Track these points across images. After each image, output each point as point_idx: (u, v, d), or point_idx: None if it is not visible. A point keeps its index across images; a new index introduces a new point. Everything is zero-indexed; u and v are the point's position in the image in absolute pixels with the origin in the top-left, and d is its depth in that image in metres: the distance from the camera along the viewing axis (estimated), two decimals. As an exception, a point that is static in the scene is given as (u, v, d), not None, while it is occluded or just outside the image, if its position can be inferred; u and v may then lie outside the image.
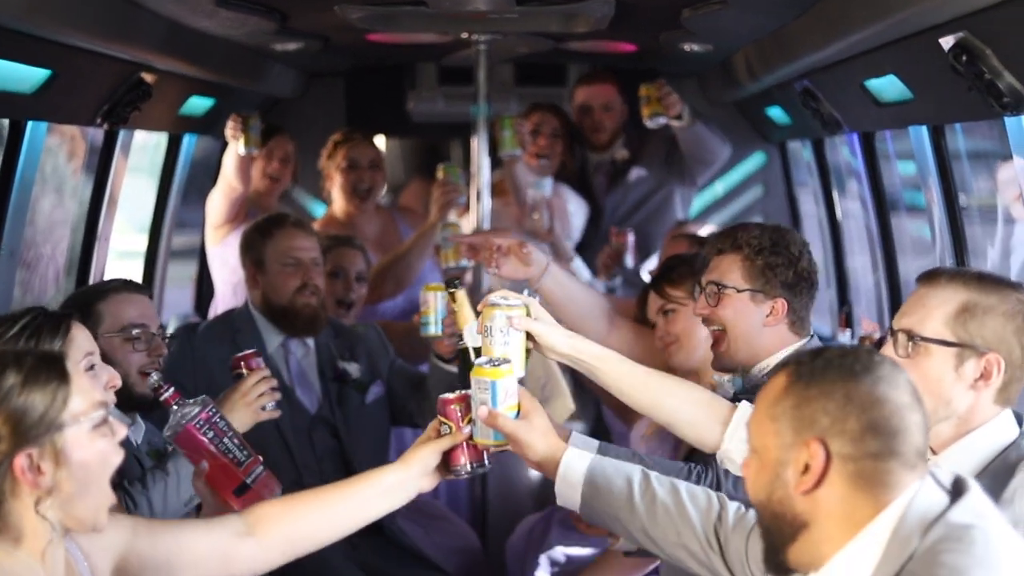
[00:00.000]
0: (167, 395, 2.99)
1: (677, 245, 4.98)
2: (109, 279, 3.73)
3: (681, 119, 5.50)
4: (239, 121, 5.25)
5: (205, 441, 2.89)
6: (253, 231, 4.47)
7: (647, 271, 5.62)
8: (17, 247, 4.07)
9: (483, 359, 2.64)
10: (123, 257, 5.86)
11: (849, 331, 5.63)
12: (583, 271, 5.62)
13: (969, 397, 2.56)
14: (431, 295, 4.27)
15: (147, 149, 5.87)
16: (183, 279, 6.21)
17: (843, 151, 5.78)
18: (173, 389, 3.00)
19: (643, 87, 5.49)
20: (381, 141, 6.65)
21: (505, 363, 2.61)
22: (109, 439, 2.22)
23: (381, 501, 2.65)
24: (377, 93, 6.48)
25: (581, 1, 4.11)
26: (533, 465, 2.65)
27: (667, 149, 5.87)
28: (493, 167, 5.38)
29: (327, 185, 5.62)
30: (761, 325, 3.25)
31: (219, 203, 5.46)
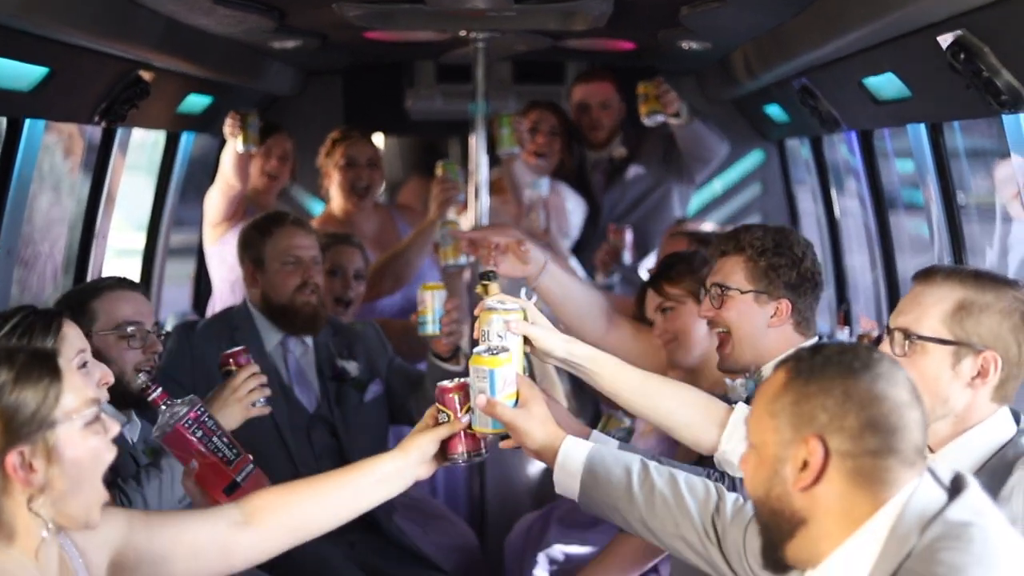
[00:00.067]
0: (155, 395, 2.98)
1: (676, 243, 4.97)
2: (103, 277, 3.72)
3: (679, 117, 5.50)
4: (238, 119, 5.25)
5: (194, 440, 2.88)
6: (252, 229, 4.45)
7: (645, 269, 5.62)
8: (15, 245, 4.07)
9: (481, 347, 2.65)
10: (121, 255, 5.86)
11: (848, 329, 5.63)
12: (578, 272, 5.61)
13: (966, 395, 2.56)
14: (428, 294, 4.27)
15: (145, 147, 5.86)
16: (181, 277, 6.20)
17: (841, 149, 5.78)
18: (161, 389, 2.99)
19: (641, 85, 5.48)
20: (379, 139, 6.64)
21: (503, 352, 2.62)
22: (102, 436, 2.22)
23: (379, 489, 2.64)
24: (375, 91, 6.47)
25: (579, -1, 4.11)
26: (532, 453, 2.65)
27: (665, 147, 5.87)
28: (491, 165, 5.38)
29: (325, 183, 5.62)
30: (766, 326, 3.25)
31: (217, 201, 5.45)
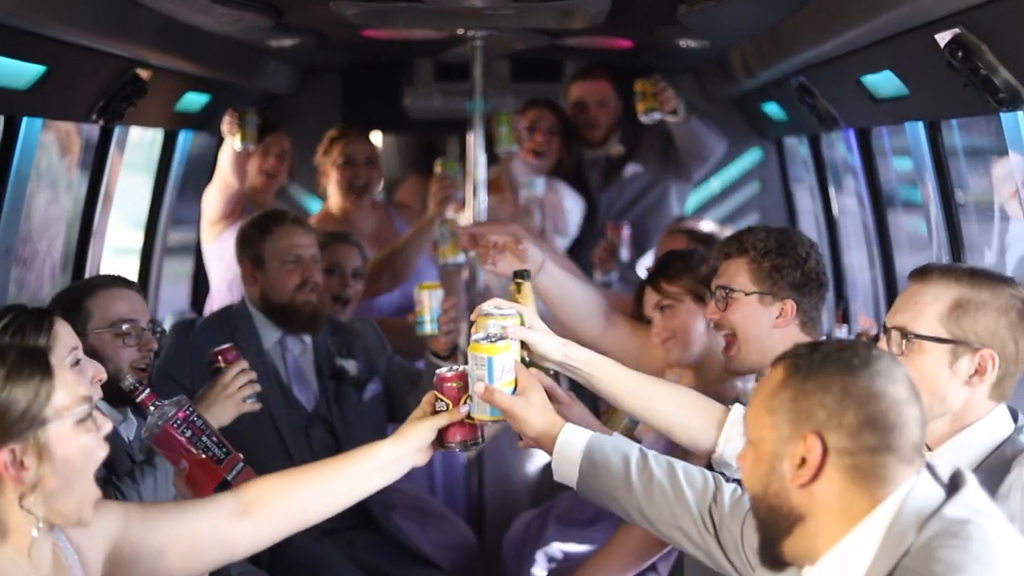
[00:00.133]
0: (143, 397, 2.98)
1: (674, 241, 4.97)
2: (98, 275, 3.71)
3: (676, 114, 5.50)
4: (236, 117, 5.25)
5: (183, 440, 2.88)
6: (251, 228, 4.43)
7: (643, 267, 5.62)
8: (13, 244, 4.06)
9: (480, 335, 2.64)
10: (119, 254, 5.85)
11: (846, 327, 5.63)
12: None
13: (964, 393, 2.56)
14: (425, 294, 4.28)
15: (143, 145, 5.86)
16: (179, 275, 6.19)
17: (840, 147, 5.78)
18: (149, 391, 2.99)
19: (638, 82, 5.48)
20: (377, 137, 6.64)
21: (502, 339, 2.61)
22: (94, 434, 2.21)
23: (376, 476, 2.63)
24: (373, 89, 6.47)
25: (577, -3, 4.11)
26: (530, 441, 2.65)
27: (662, 145, 5.86)
28: (489, 163, 5.37)
29: (323, 181, 5.61)
30: (771, 327, 3.27)
31: (215, 199, 5.44)
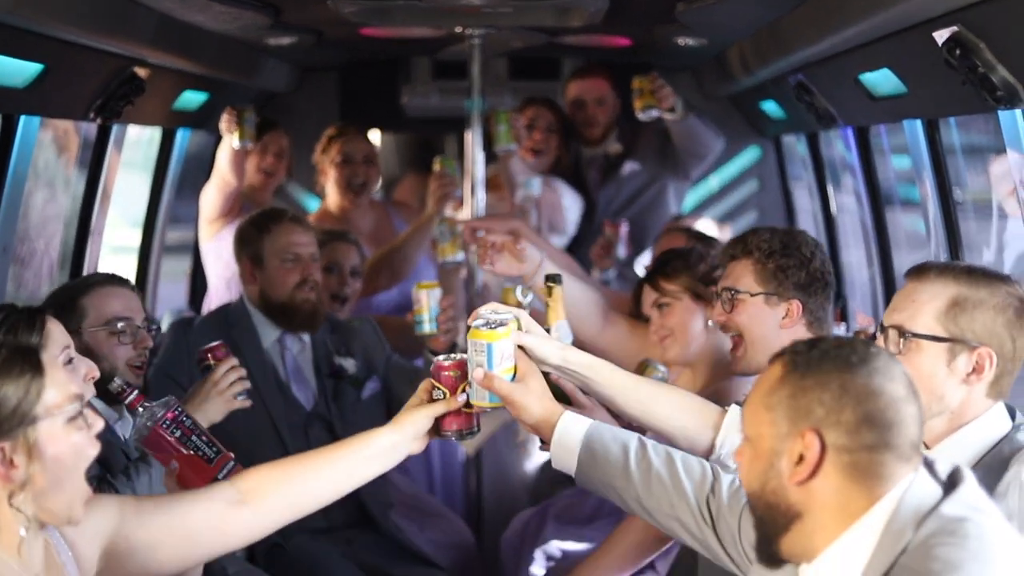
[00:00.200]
0: (131, 398, 2.97)
1: (672, 239, 4.97)
2: (92, 273, 3.70)
3: (674, 112, 5.50)
4: (234, 115, 5.25)
5: (173, 441, 2.87)
6: (249, 226, 4.42)
7: (641, 265, 5.62)
8: (10, 242, 4.06)
9: (479, 321, 2.63)
10: (117, 252, 5.85)
11: (844, 325, 5.62)
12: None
13: (962, 391, 2.56)
14: (423, 293, 4.28)
15: (141, 144, 5.85)
16: (177, 274, 6.19)
17: (838, 145, 5.78)
18: (137, 392, 2.98)
19: (636, 79, 5.48)
20: (375, 136, 6.64)
21: (501, 326, 2.61)
22: (85, 432, 2.20)
23: (373, 463, 2.62)
24: (371, 88, 6.47)
25: (575, -5, 4.11)
26: (529, 428, 2.64)
27: (660, 143, 5.86)
28: (487, 161, 5.37)
29: (321, 180, 5.61)
30: (778, 327, 3.28)
31: (213, 198, 5.44)
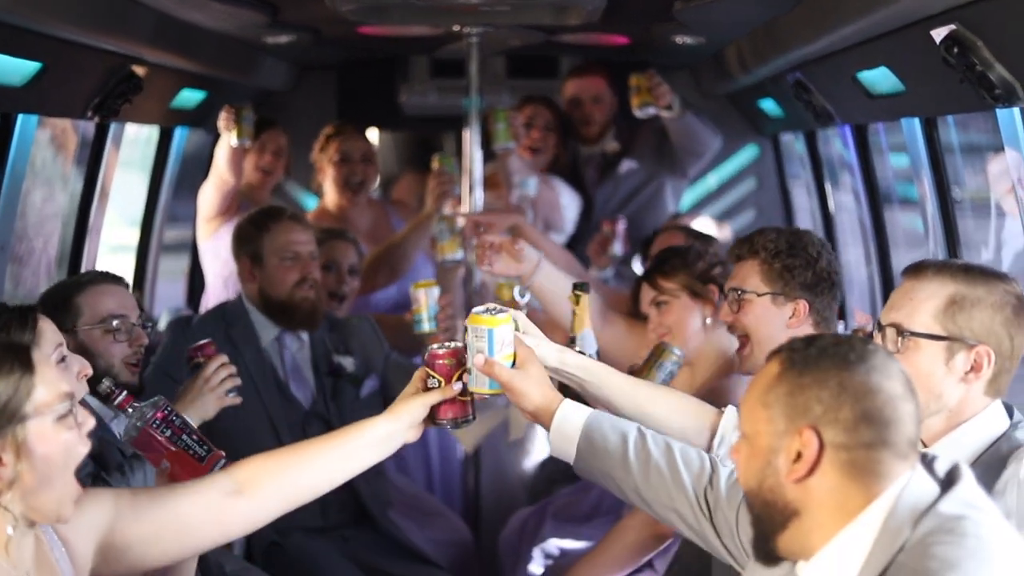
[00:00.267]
0: (120, 400, 2.96)
1: (670, 238, 4.96)
2: (85, 272, 3.69)
3: (671, 109, 5.49)
4: (232, 113, 5.24)
5: (163, 440, 2.87)
6: (248, 224, 4.41)
7: (639, 264, 5.61)
8: (8, 241, 4.06)
9: (480, 308, 2.64)
10: (115, 251, 5.85)
11: (842, 323, 5.62)
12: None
13: (960, 390, 2.56)
14: (421, 292, 4.28)
15: (138, 142, 5.85)
16: (175, 273, 6.19)
17: (836, 144, 5.78)
18: (125, 393, 2.98)
19: (633, 77, 5.48)
20: (373, 134, 6.64)
21: (502, 312, 2.61)
22: (75, 431, 2.18)
23: (369, 452, 2.62)
24: (369, 86, 6.47)
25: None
26: (528, 415, 2.63)
27: (657, 141, 5.86)
28: (485, 160, 5.37)
29: (319, 178, 5.61)
30: (785, 327, 3.28)
31: (211, 196, 5.44)
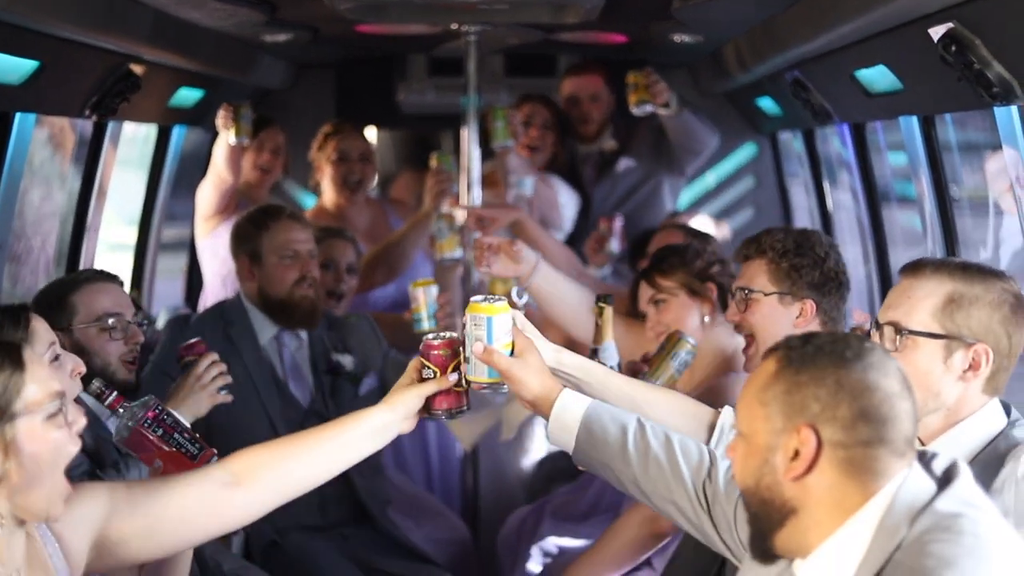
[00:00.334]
0: (111, 400, 2.96)
1: (669, 236, 4.97)
2: (80, 270, 3.68)
3: (668, 107, 5.49)
4: (230, 111, 5.24)
5: (155, 439, 2.86)
6: (247, 223, 4.40)
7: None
8: (6, 239, 4.06)
9: (479, 297, 2.64)
10: (113, 250, 5.85)
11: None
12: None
13: (958, 388, 2.55)
14: (420, 291, 4.28)
15: (136, 141, 5.85)
16: (173, 271, 6.19)
17: (834, 142, 5.79)
18: (116, 394, 2.97)
19: (631, 74, 5.48)
20: (371, 133, 6.64)
21: (500, 301, 2.61)
22: (65, 430, 2.18)
23: (364, 443, 2.62)
24: (367, 84, 6.47)
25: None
26: (527, 404, 2.62)
27: (655, 139, 5.86)
28: (483, 158, 5.37)
29: (317, 177, 5.60)
30: (791, 327, 3.28)
31: (209, 194, 5.43)
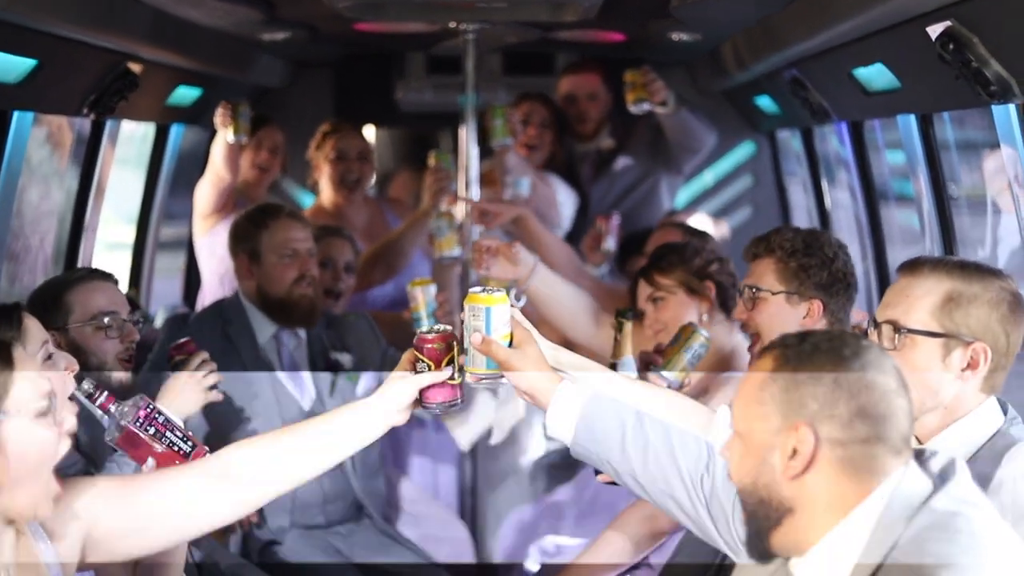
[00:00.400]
0: (101, 400, 2.96)
1: (667, 234, 4.97)
2: (74, 269, 3.67)
3: (666, 105, 5.49)
4: (229, 109, 5.23)
5: (147, 438, 2.86)
6: (246, 222, 4.40)
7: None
8: (4, 238, 4.06)
9: (477, 288, 2.64)
10: (111, 248, 5.84)
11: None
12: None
13: (956, 387, 2.55)
14: (419, 290, 4.27)
15: (134, 140, 5.85)
16: (172, 270, 6.19)
17: (832, 141, 5.79)
18: (107, 394, 2.97)
19: (628, 73, 5.49)
20: (370, 131, 6.63)
21: (498, 292, 2.61)
22: (54, 430, 2.17)
23: (357, 436, 2.59)
24: (365, 83, 6.46)
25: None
26: (525, 396, 2.60)
27: (652, 137, 5.86)
28: (482, 156, 5.37)
29: (315, 175, 5.60)
30: (798, 327, 3.27)
31: (207, 193, 5.43)
